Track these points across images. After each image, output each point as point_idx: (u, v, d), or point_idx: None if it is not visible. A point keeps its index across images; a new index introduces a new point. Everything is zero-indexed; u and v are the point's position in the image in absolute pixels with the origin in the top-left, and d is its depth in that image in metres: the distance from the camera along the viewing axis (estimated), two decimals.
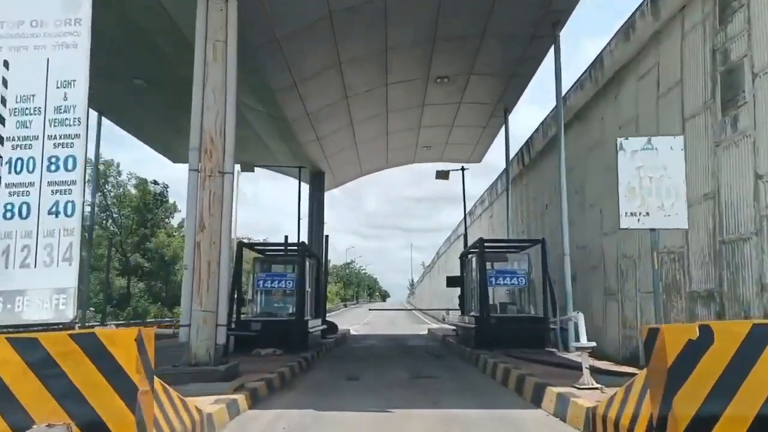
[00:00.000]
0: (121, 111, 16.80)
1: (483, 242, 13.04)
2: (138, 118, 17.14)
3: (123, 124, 17.55)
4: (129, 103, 16.29)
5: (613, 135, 12.21)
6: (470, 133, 20.10)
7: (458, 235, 39.34)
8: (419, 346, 17.53)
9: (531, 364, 9.04)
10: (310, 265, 15.18)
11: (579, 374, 7.36)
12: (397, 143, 20.75)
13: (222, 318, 8.19)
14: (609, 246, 12.12)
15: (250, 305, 13.57)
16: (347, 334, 22.73)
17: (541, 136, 17.49)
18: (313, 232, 20.33)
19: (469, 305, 15.45)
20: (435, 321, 45.26)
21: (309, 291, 14.95)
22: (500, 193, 24.60)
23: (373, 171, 24.39)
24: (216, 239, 8.19)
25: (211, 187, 8.24)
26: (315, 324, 14.96)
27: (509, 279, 13.30)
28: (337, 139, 18.21)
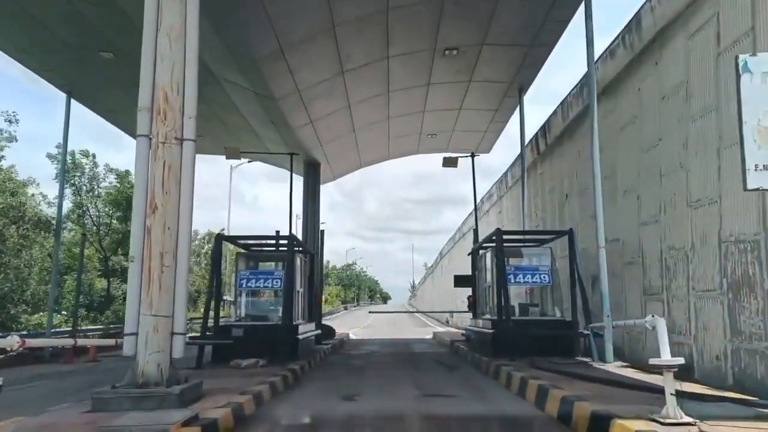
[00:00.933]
0: (91, 91, 15.09)
1: (501, 234, 11.24)
2: (110, 99, 15.43)
3: (94, 107, 15.82)
4: (99, 82, 14.60)
5: (653, 108, 10.46)
6: (480, 118, 18.30)
7: (463, 233, 37.52)
8: (426, 353, 15.72)
9: (573, 381, 7.23)
10: (302, 262, 13.39)
11: (644, 397, 5.57)
12: (400, 130, 18.96)
13: (179, 324, 6.40)
14: (649, 237, 10.33)
15: (232, 308, 11.79)
16: (346, 339, 20.92)
17: (559, 118, 15.71)
18: (307, 228, 18.55)
19: (482, 307, 13.66)
20: (439, 324, 43.46)
21: (300, 291, 13.16)
22: (510, 186, 22.84)
23: (374, 162, 22.59)
24: (172, 224, 6.41)
25: (166, 157, 6.47)
26: (307, 329, 13.16)
27: (531, 276, 11.50)
28: (333, 123, 16.42)
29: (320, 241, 17.49)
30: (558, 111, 15.87)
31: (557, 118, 15.91)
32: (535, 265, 11.80)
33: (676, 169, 9.46)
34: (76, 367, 12.16)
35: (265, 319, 11.64)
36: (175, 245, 6.39)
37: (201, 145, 20.74)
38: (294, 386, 8.84)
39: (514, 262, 11.85)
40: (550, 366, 8.74)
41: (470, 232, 33.93)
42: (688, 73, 9.20)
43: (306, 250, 14.15)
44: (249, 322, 11.59)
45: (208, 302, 10.80)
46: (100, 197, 22.10)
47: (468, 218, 35.11)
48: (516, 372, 8.23)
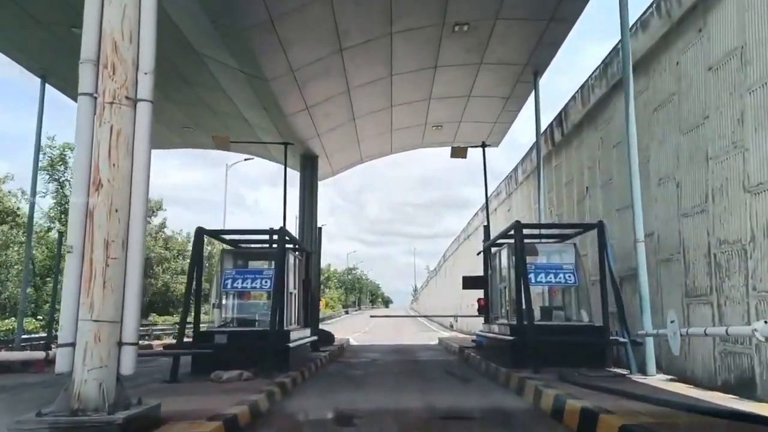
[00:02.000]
0: (66, 74, 13.76)
1: (520, 227, 9.87)
2: None
3: (71, 92, 14.47)
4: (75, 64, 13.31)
5: (698, 82, 9.11)
6: (490, 107, 16.96)
7: (468, 234, 36.14)
8: (433, 361, 14.34)
9: (619, 399, 5.85)
10: (296, 261, 12.05)
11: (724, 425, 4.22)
12: (403, 120, 17.63)
13: (130, 332, 5.04)
14: (694, 230, 8.97)
15: (215, 311, 10.46)
16: (346, 345, 19.55)
17: (579, 104, 14.37)
18: (304, 225, 17.21)
19: (496, 310, 12.31)
20: (443, 328, 42.08)
21: (294, 293, 11.81)
22: (521, 182, 21.49)
23: (376, 157, 21.24)
24: (121, 205, 5.06)
25: (114, 120, 5.12)
26: (302, 335, 11.81)
27: (554, 276, 10.13)
28: (331, 110, 15.09)
29: (318, 240, 16.16)
30: (577, 96, 14.53)
31: (576, 104, 14.58)
32: (558, 263, 10.44)
33: (728, 149, 8.11)
34: (45, 378, 10.81)
35: (252, 325, 10.28)
36: (125, 232, 5.05)
37: (190, 137, 19.51)
38: (282, 404, 7.47)
39: (534, 260, 10.49)
40: (584, 380, 7.38)
41: (476, 232, 32.59)
42: (745, 37, 7.85)
43: (301, 248, 12.81)
44: (234, 327, 10.25)
45: (187, 305, 9.48)
46: None
47: (474, 219, 33.74)
48: (546, 388, 6.86)
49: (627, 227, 11.36)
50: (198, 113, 16.34)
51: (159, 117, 17.30)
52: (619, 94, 12.15)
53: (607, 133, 12.80)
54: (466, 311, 35.00)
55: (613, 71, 12.25)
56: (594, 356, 9.35)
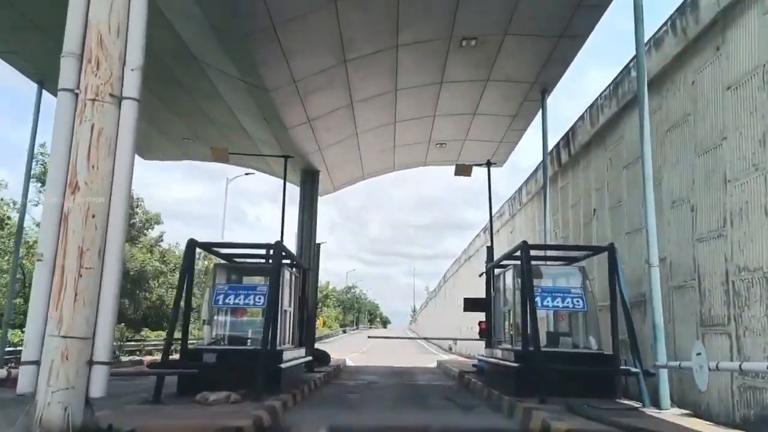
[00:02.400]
0: None
1: (527, 247, 9.43)
2: None
3: None
4: None
5: (715, 102, 8.75)
6: (495, 125, 16.63)
7: (469, 255, 35.67)
8: (432, 385, 13.79)
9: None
10: (291, 277, 11.59)
11: None
12: (407, 137, 17.29)
13: (102, 350, 4.60)
14: (710, 256, 8.53)
15: (206, 328, 9.97)
16: (342, 366, 18.96)
17: (587, 124, 14.03)
18: (303, 242, 16.77)
19: (498, 334, 11.81)
20: (442, 351, 41.39)
21: (289, 311, 11.34)
22: (525, 204, 21.09)
23: (378, 174, 20.86)
24: (99, 211, 4.65)
25: (95, 119, 4.74)
26: (296, 355, 11.30)
27: (561, 300, 9.66)
28: (333, 124, 14.75)
29: (316, 257, 15.71)
30: (585, 116, 14.20)
31: (584, 124, 14.23)
32: (565, 287, 9.98)
33: (749, 171, 7.71)
34: None
35: (244, 343, 9.79)
36: (102, 239, 4.62)
37: (189, 148, 19.17)
38: (271, 429, 6.97)
39: (540, 283, 10.03)
40: (595, 413, 6.88)
41: (477, 254, 32.12)
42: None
43: (298, 264, 12.35)
44: (224, 345, 9.75)
45: (174, 321, 8.99)
46: None
47: (475, 240, 33.30)
48: (556, 421, 6.37)
49: (637, 252, 10.92)
50: (197, 124, 16.02)
51: (158, 127, 17.02)
52: (629, 114, 11.82)
53: (616, 153, 12.43)
54: (466, 334, 34.37)
55: (624, 90, 11.92)
56: (603, 386, 8.84)
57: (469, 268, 34.69)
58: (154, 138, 17.99)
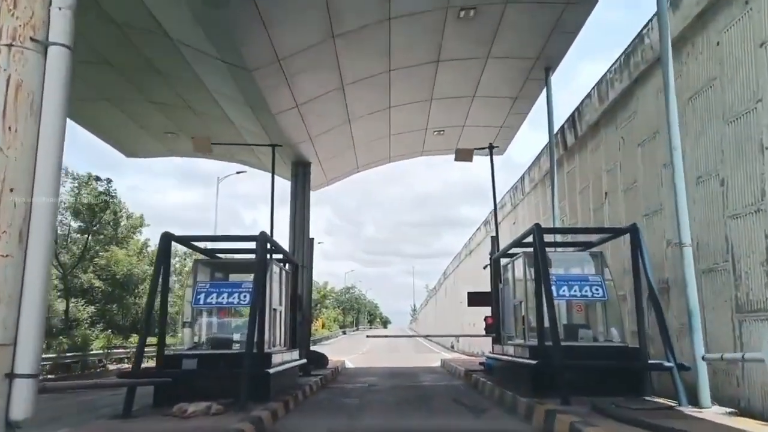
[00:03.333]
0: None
1: (540, 230, 8.47)
2: (75, 92, 12.97)
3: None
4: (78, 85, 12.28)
5: (746, 62, 7.82)
6: (496, 109, 15.70)
7: (470, 250, 34.72)
8: (437, 386, 12.84)
9: None
10: (283, 274, 10.63)
11: None
12: (402, 124, 16.34)
13: (26, 359, 3.62)
14: (746, 234, 7.60)
15: (186, 331, 9.01)
16: (341, 368, 18.01)
17: (595, 102, 13.12)
18: (295, 237, 15.80)
19: (509, 329, 10.87)
20: (444, 349, 40.46)
21: (280, 310, 10.38)
22: (528, 192, 20.16)
23: (373, 165, 19.90)
24: (21, 185, 3.68)
25: (13, 69, 3.79)
26: (288, 358, 10.34)
27: (578, 289, 8.72)
28: (324, 109, 13.79)
29: (310, 252, 14.77)
30: (593, 94, 13.28)
31: (592, 102, 13.31)
32: (583, 275, 9.04)
33: None
34: None
35: (228, 347, 8.83)
36: (24, 220, 3.66)
37: (173, 143, 18.16)
38: None
39: (554, 271, 9.07)
40: (628, 414, 5.93)
41: (478, 248, 31.18)
42: None
43: (289, 260, 11.39)
44: (206, 350, 8.79)
45: (147, 324, 8.04)
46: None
47: (476, 233, 32.35)
48: (586, 426, 5.42)
49: (656, 235, 9.99)
50: (179, 115, 15.06)
51: (138, 120, 16.06)
52: (643, 86, 10.90)
53: (629, 131, 11.52)
54: (468, 331, 33.46)
55: (637, 60, 11.00)
56: (629, 383, 7.91)
57: (470, 264, 33.76)
58: (135, 133, 17.02)
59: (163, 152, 18.75)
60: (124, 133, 17.11)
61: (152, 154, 19.09)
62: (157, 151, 18.49)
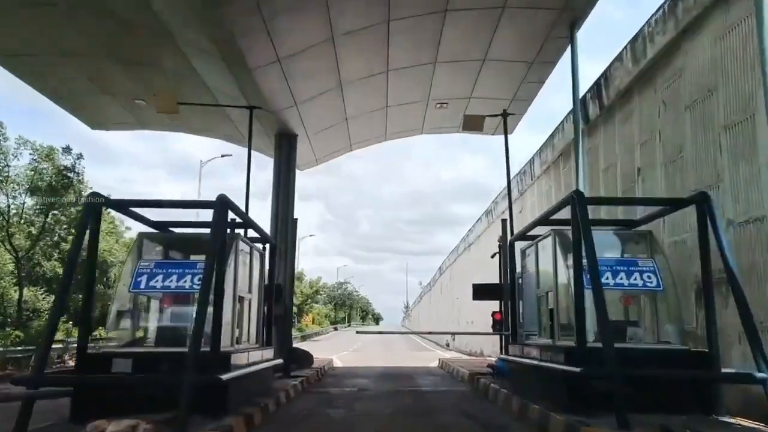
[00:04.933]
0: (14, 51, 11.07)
1: (583, 200, 6.54)
2: (39, 60, 12.08)
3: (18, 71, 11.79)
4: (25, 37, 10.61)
5: None
6: (508, 76, 13.81)
7: (469, 243, 32.82)
8: (438, 392, 10.95)
9: None
10: (253, 255, 8.69)
11: None
12: (401, 92, 14.44)
13: None
14: None
15: (121, 323, 7.06)
16: (328, 368, 16.10)
17: (628, 64, 11.26)
18: (278, 219, 13.86)
19: (529, 326, 8.98)
20: (439, 347, 38.62)
21: (250, 299, 8.44)
22: (538, 177, 18.26)
23: (368, 143, 17.96)
24: None
25: None
26: (258, 357, 8.41)
27: (626, 277, 6.82)
28: (311, 66, 11.86)
29: (293, 234, 12.86)
30: (625, 55, 11.39)
31: (623, 65, 11.43)
32: (630, 259, 7.15)
33: None
34: None
35: (180, 343, 6.88)
36: None
37: (144, 115, 16.09)
38: None
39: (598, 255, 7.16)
40: None
41: (478, 240, 29.29)
42: None
43: (264, 237, 9.45)
44: (146, 348, 6.88)
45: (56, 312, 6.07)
46: (9, 180, 17.01)
47: (476, 225, 30.43)
48: None
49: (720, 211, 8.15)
50: (148, 77, 13.12)
51: (101, 84, 14.03)
52: (694, 37, 9.03)
53: (674, 92, 9.66)
54: (466, 329, 31.62)
55: (687, 5, 9.12)
56: (697, 398, 6.05)
57: (470, 257, 31.88)
58: (99, 100, 15.06)
59: (133, 123, 16.77)
60: (87, 99, 15.16)
61: (121, 126, 17.11)
62: (125, 121, 16.52)
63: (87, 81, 13.85)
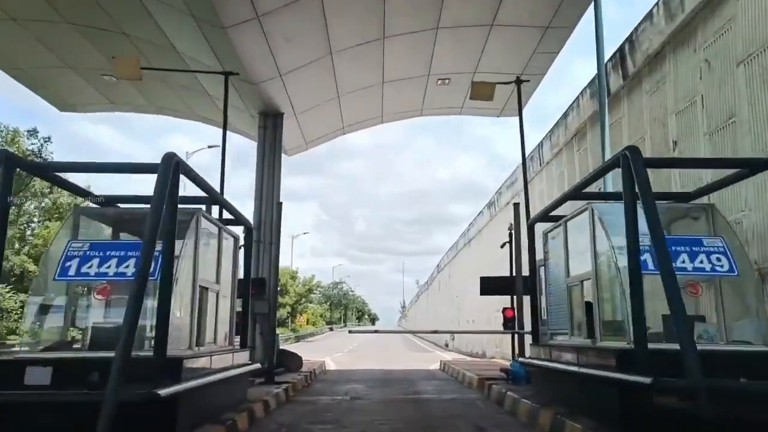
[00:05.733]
0: None
1: (639, 158, 4.98)
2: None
3: None
4: None
5: None
6: (518, 45, 12.34)
7: (469, 239, 31.31)
8: (445, 401, 9.44)
9: None
10: (221, 237, 7.17)
11: None
12: (399, 65, 12.96)
13: None
14: None
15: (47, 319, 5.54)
16: (319, 371, 14.58)
17: (661, 21, 9.82)
18: (262, 204, 12.34)
19: (556, 323, 7.49)
20: (437, 347, 37.19)
21: (217, 292, 6.91)
22: (548, 162, 16.79)
23: (362, 126, 16.44)
24: None
25: None
26: (229, 362, 6.89)
27: (690, 259, 5.35)
28: (296, 30, 10.35)
29: (278, 219, 11.35)
30: (656, 12, 9.95)
31: (655, 24, 10.00)
32: (694, 238, 5.67)
33: None
34: None
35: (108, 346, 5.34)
36: None
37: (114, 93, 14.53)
38: None
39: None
40: None
41: (480, 235, 27.77)
42: None
43: (237, 218, 7.91)
44: (74, 352, 5.38)
45: None
46: None
47: (477, 219, 28.91)
48: None
49: None
50: (111, 44, 11.57)
51: (63, 54, 12.51)
52: None
53: (721, 49, 8.24)
54: (465, 327, 30.16)
55: None
56: None
57: (471, 252, 30.37)
58: (63, 76, 13.55)
59: (104, 104, 15.26)
60: (49, 75, 13.64)
61: (91, 107, 15.61)
62: (95, 101, 15.01)
63: (47, 52, 12.34)
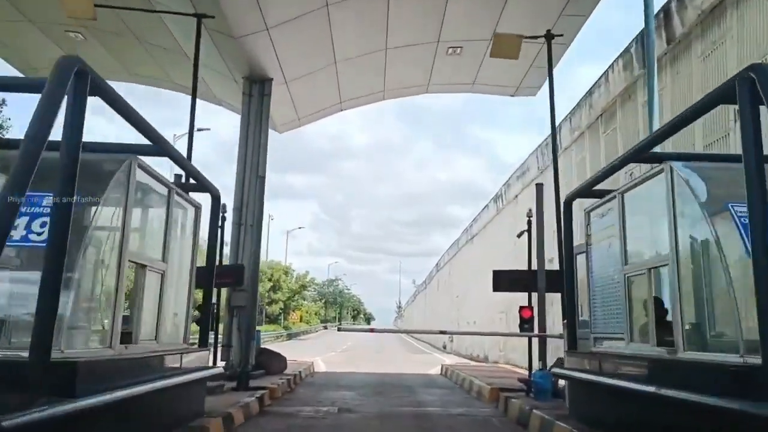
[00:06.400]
0: None
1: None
2: None
3: None
4: None
5: None
6: (544, 4, 10.68)
7: (472, 235, 29.63)
8: (453, 417, 7.79)
9: None
10: (171, 199, 5.50)
11: None
12: (405, 29, 11.38)
13: None
14: None
15: None
16: (305, 374, 12.90)
17: None
18: (245, 180, 10.66)
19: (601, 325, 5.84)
20: (434, 349, 35.53)
21: (162, 271, 5.25)
22: (568, 147, 15.13)
23: (362, 102, 14.77)
24: None
25: None
26: (176, 364, 5.23)
27: None
28: None
29: (260, 194, 9.71)
30: None
31: None
32: None
33: None
34: None
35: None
36: None
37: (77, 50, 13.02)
38: None
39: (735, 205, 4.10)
40: None
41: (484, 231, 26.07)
42: None
43: (201, 183, 6.23)
44: None
45: None
46: None
47: (482, 213, 27.21)
48: None
49: None
50: None
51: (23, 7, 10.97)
52: None
53: None
54: (466, 328, 28.52)
55: None
56: None
57: (474, 249, 28.70)
58: (27, 33, 11.90)
59: None
60: (10, 32, 12.02)
61: None
62: None
63: (5, 4, 10.72)
